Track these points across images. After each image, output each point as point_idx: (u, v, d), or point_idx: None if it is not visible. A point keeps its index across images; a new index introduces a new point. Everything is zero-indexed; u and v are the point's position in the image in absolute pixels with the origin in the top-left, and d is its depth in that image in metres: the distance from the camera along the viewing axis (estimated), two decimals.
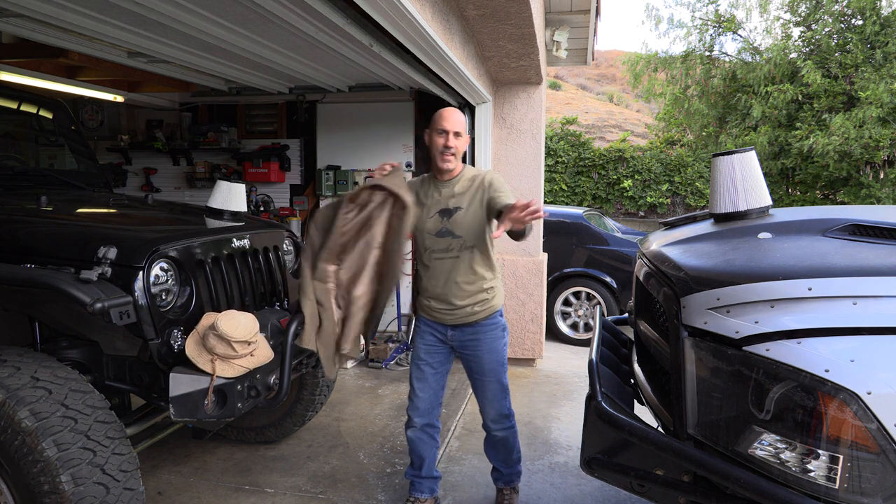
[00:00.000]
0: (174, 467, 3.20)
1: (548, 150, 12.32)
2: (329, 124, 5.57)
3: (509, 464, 2.80)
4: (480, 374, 2.63)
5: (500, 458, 2.79)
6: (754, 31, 21.46)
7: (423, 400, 2.68)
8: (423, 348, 2.65)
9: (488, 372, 2.62)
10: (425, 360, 2.65)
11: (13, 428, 1.77)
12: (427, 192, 2.53)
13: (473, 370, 2.65)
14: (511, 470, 2.82)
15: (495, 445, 2.77)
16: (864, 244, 1.73)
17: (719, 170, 2.19)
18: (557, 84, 26.95)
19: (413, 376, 2.69)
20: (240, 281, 2.66)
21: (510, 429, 2.72)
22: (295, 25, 3.00)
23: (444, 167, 2.47)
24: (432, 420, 2.72)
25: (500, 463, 2.81)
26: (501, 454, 2.78)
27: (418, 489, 2.79)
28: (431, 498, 2.82)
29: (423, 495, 2.79)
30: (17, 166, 3.20)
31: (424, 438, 2.73)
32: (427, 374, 2.66)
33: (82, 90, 4.72)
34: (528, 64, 4.38)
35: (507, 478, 2.83)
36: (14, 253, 2.19)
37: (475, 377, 2.66)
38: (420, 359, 2.66)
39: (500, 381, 2.63)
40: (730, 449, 1.53)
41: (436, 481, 2.83)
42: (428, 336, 2.64)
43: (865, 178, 10.50)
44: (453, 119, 2.44)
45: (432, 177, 2.56)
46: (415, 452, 2.75)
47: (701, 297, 1.63)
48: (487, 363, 2.60)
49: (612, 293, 6.18)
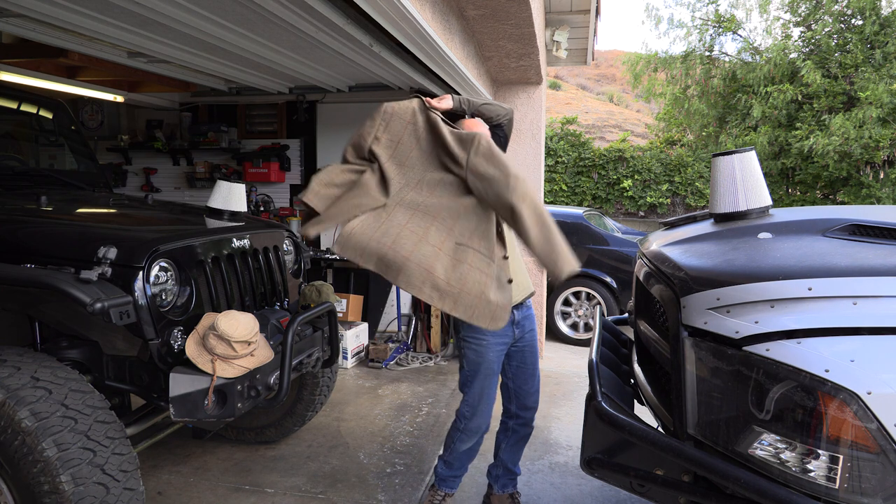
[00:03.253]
0: (174, 467, 3.20)
1: (548, 150, 12.32)
2: (329, 124, 5.57)
3: (519, 463, 2.80)
4: (535, 361, 2.61)
5: (520, 455, 2.77)
6: (754, 31, 21.48)
7: (490, 415, 2.59)
8: (495, 361, 2.50)
9: (538, 357, 2.62)
10: (497, 372, 2.54)
11: (13, 428, 1.77)
12: None
13: (528, 361, 2.59)
14: (520, 471, 2.82)
15: (523, 441, 2.73)
16: (864, 244, 1.73)
17: (719, 170, 2.19)
18: (557, 84, 26.96)
19: (484, 393, 2.52)
20: (240, 281, 2.66)
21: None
22: (295, 25, 3.00)
23: None
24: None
25: (516, 464, 2.77)
26: (521, 451, 2.76)
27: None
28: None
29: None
30: (17, 166, 3.20)
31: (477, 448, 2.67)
32: (495, 387, 2.56)
33: (82, 90, 4.72)
34: (528, 64, 4.38)
35: (516, 480, 2.81)
36: (14, 253, 2.19)
37: (529, 367, 2.59)
38: (493, 372, 2.51)
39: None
40: (730, 449, 1.53)
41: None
42: (498, 346, 2.49)
43: (865, 178, 10.50)
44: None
45: None
46: (468, 459, 2.69)
47: (701, 296, 1.63)
48: (538, 349, 2.63)
49: (612, 293, 6.19)
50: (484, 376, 2.51)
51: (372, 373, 4.87)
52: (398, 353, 5.10)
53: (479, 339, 2.47)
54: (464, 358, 2.54)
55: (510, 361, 2.62)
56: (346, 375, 4.76)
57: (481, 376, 2.50)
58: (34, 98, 3.46)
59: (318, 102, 5.54)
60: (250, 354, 2.28)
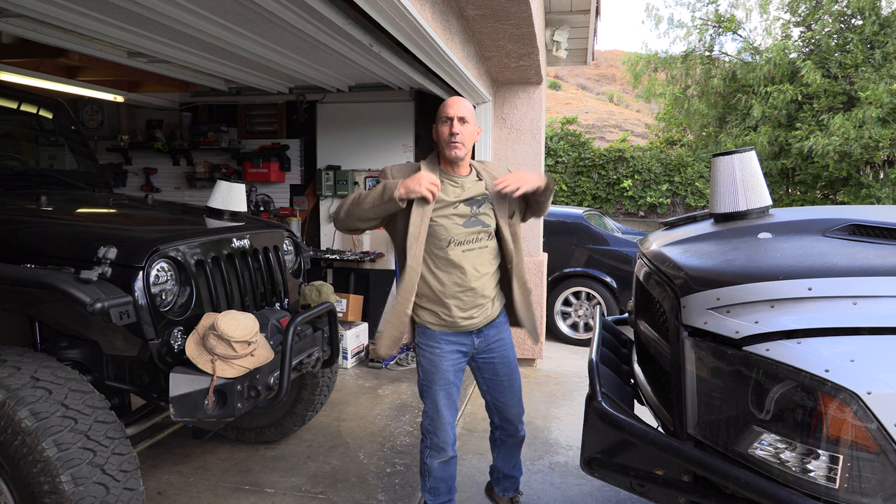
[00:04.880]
0: (174, 467, 3.20)
1: (548, 150, 12.32)
2: (329, 124, 5.57)
3: (517, 468, 2.74)
4: (509, 373, 2.49)
5: (515, 461, 2.70)
6: (754, 32, 21.49)
7: (452, 426, 2.42)
8: (450, 370, 2.38)
9: (515, 368, 2.50)
10: (454, 383, 2.39)
11: (13, 428, 1.77)
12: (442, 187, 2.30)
13: (501, 373, 2.47)
14: (520, 472, 2.76)
15: (515, 448, 2.65)
16: (864, 244, 1.73)
17: (719, 170, 2.19)
18: (557, 84, 26.95)
19: (441, 404, 2.38)
20: (240, 281, 2.66)
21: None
22: (295, 25, 3.00)
23: (452, 154, 2.28)
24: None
25: (513, 468, 2.71)
26: (517, 456, 2.69)
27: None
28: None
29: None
30: (17, 166, 3.20)
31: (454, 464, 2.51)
32: (455, 397, 2.42)
33: (82, 90, 4.72)
34: (528, 64, 4.38)
35: (517, 482, 2.77)
36: (14, 253, 2.19)
37: (502, 380, 2.48)
38: (449, 382, 2.38)
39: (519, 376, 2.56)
40: (730, 449, 1.53)
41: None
42: (454, 355, 2.38)
43: (865, 178, 10.50)
44: (455, 105, 2.28)
45: (443, 172, 2.36)
46: (450, 479, 2.51)
47: (701, 296, 1.63)
48: (513, 359, 2.50)
49: (612, 293, 6.19)
50: (439, 386, 2.38)
51: (372, 373, 4.87)
52: (398, 353, 5.10)
53: (433, 348, 2.37)
54: (419, 366, 2.44)
55: (482, 374, 2.51)
56: (346, 375, 4.76)
57: (437, 386, 2.38)
58: (34, 98, 3.46)
59: (318, 102, 5.54)
60: (250, 354, 2.28)
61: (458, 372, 2.42)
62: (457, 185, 2.34)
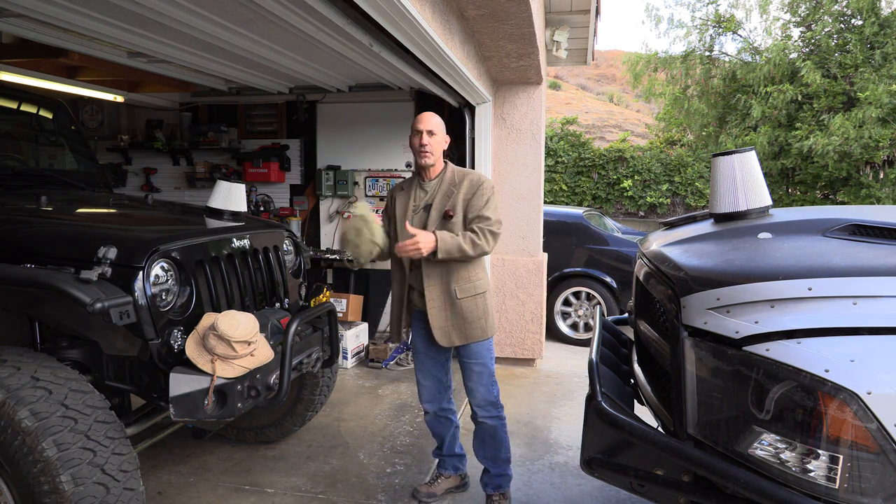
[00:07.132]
0: (174, 467, 3.20)
1: (548, 150, 12.32)
2: (329, 124, 5.57)
3: (497, 462, 2.78)
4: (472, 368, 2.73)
5: (489, 454, 2.78)
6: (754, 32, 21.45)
7: (428, 388, 2.83)
8: (419, 341, 2.79)
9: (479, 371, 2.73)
10: (423, 352, 2.80)
11: (13, 428, 1.77)
12: (414, 192, 2.71)
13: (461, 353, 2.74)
14: (499, 470, 2.78)
15: (483, 437, 2.78)
16: (864, 244, 1.73)
17: (719, 170, 2.19)
18: (557, 84, 26.95)
19: (416, 369, 2.85)
20: (240, 281, 2.66)
21: (498, 419, 2.74)
22: (295, 25, 3.00)
23: (422, 162, 2.64)
24: (442, 404, 2.85)
25: (488, 461, 2.79)
26: (489, 449, 2.77)
27: (443, 466, 3.00)
28: (457, 475, 3.00)
29: (447, 471, 2.99)
30: (17, 166, 3.20)
31: (440, 420, 2.89)
32: (427, 364, 2.80)
33: (82, 90, 4.72)
34: (528, 64, 4.38)
35: (496, 482, 2.79)
36: (14, 253, 2.19)
37: (463, 360, 2.75)
38: (419, 351, 2.81)
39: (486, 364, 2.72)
40: (730, 449, 1.53)
41: (460, 459, 3.00)
42: (422, 329, 2.75)
43: (865, 178, 10.50)
44: (425, 120, 2.62)
45: (418, 176, 2.74)
46: (434, 434, 2.95)
47: (701, 296, 1.63)
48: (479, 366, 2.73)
49: (612, 293, 6.18)
50: (415, 354, 2.83)
51: (372, 373, 4.87)
52: (398, 353, 5.10)
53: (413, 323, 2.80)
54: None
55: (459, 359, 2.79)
56: (346, 375, 4.76)
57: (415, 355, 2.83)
58: (34, 98, 3.46)
59: (318, 102, 5.54)
60: (250, 354, 2.28)
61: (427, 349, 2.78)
62: (424, 192, 2.70)
